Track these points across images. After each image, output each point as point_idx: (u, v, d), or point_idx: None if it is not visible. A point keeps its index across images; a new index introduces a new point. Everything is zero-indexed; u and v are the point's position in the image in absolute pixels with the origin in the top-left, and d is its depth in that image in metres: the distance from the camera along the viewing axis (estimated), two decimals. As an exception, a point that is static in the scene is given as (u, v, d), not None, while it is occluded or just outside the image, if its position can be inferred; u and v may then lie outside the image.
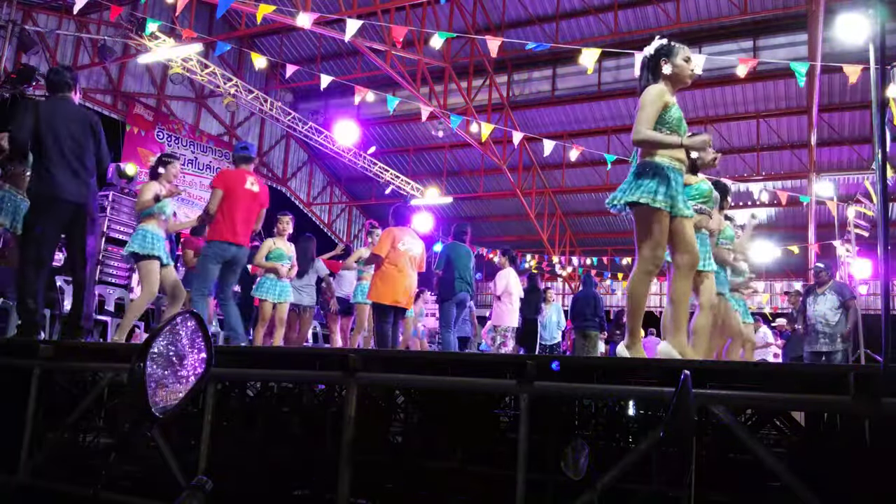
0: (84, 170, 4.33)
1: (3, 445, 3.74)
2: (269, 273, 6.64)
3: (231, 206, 5.15)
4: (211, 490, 1.43)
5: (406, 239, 5.93)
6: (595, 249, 18.64)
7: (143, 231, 5.12)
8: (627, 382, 2.83)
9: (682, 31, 12.16)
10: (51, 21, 12.80)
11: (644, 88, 3.33)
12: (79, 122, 4.35)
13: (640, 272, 3.19)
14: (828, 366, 6.26)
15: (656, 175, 3.14)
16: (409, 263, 5.91)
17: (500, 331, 7.83)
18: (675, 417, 1.46)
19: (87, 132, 4.37)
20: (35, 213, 4.30)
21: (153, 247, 5.06)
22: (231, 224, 5.13)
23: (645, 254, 3.17)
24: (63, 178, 4.19)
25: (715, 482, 2.87)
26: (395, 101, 10.15)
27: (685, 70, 3.31)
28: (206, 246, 5.17)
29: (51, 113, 4.25)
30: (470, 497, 3.48)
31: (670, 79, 3.30)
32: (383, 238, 5.91)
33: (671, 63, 3.29)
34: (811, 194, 12.37)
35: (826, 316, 7.32)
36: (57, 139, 4.20)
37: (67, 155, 4.22)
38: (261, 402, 4.48)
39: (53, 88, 4.43)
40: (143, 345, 1.43)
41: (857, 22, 7.50)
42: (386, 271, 5.81)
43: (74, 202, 4.24)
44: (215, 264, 5.12)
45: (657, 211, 3.12)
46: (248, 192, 5.26)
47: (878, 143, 2.19)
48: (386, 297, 5.79)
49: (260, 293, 6.65)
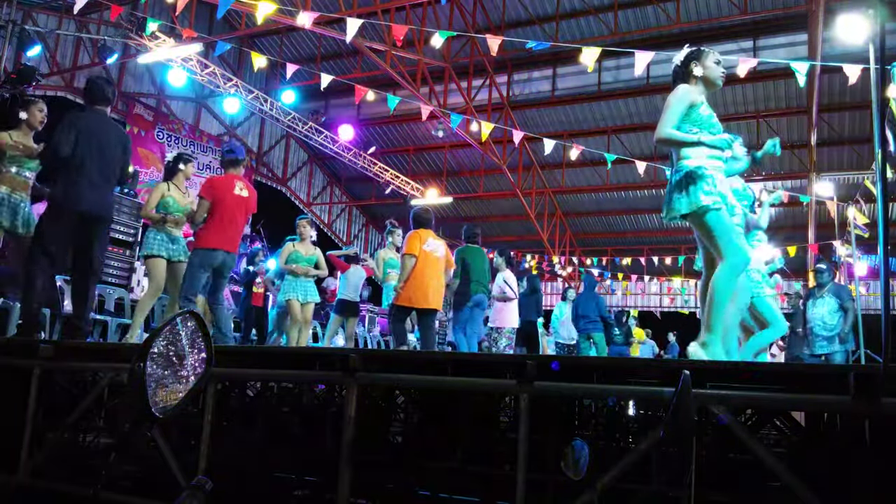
0: (106, 184, 4.44)
1: (3, 445, 3.74)
2: (290, 275, 6.92)
3: (220, 214, 5.14)
4: (211, 490, 1.43)
5: (430, 241, 5.96)
6: (595, 249, 18.65)
7: (148, 233, 5.43)
8: (627, 382, 2.83)
9: (682, 31, 12.15)
10: (51, 21, 12.80)
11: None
12: (111, 138, 4.46)
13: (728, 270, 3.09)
14: (828, 366, 6.26)
15: (699, 180, 3.13)
16: (434, 265, 5.94)
17: (506, 332, 7.82)
18: (675, 417, 1.46)
19: (117, 149, 4.47)
20: (51, 219, 4.33)
21: (152, 247, 5.30)
22: (220, 231, 5.14)
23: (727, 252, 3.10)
24: (85, 190, 4.27)
25: (715, 482, 2.87)
26: (395, 101, 10.13)
27: (716, 71, 3.34)
28: (194, 253, 5.19)
29: (89, 127, 4.33)
30: (470, 497, 3.48)
31: (702, 81, 3.33)
32: (413, 239, 5.92)
33: (702, 65, 3.32)
34: (811, 194, 12.36)
35: (824, 319, 7.32)
36: (88, 153, 4.28)
37: (94, 168, 4.30)
38: (261, 402, 4.48)
39: (93, 100, 4.49)
40: (143, 345, 1.43)
41: (857, 22, 7.49)
42: (413, 274, 5.81)
43: (90, 213, 4.32)
44: (204, 272, 5.15)
45: (717, 210, 3.10)
46: (237, 197, 5.25)
47: (879, 143, 2.19)
48: (416, 300, 5.80)
49: (286, 295, 6.90)
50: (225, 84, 13.58)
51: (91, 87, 4.52)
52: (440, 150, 17.76)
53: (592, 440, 3.83)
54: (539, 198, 17.72)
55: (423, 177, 18.39)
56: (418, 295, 5.77)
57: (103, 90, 4.50)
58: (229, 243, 5.20)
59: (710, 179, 3.13)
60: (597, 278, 11.42)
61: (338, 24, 11.28)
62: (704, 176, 3.13)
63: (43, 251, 4.26)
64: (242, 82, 14.02)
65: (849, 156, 14.42)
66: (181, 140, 15.48)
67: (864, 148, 13.75)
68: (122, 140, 4.57)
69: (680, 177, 3.20)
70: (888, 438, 2.18)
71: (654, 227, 18.38)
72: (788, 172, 14.98)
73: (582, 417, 4.32)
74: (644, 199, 17.41)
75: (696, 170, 3.15)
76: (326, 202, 20.36)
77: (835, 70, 9.48)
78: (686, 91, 3.24)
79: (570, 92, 15.39)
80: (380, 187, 17.62)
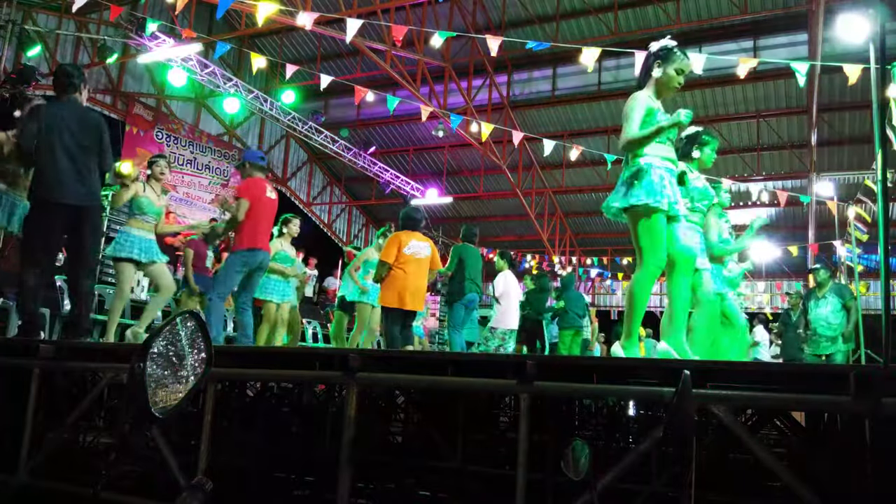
0: (87, 172, 4.31)
1: (3, 445, 3.74)
2: (274, 274, 6.73)
3: (257, 215, 5.36)
4: (211, 490, 1.43)
5: (412, 243, 5.97)
6: (595, 249, 18.66)
7: (120, 233, 5.35)
8: (627, 382, 2.83)
9: (682, 31, 12.15)
10: (50, 21, 12.80)
11: (638, 87, 3.36)
12: (82, 125, 4.31)
13: (643, 274, 3.16)
14: (828, 366, 6.27)
15: (646, 176, 3.14)
16: (417, 267, 5.96)
17: (499, 333, 7.81)
18: (675, 417, 1.46)
19: (91, 134, 4.34)
20: (34, 215, 4.29)
21: (123, 249, 5.22)
22: (258, 232, 5.36)
23: (647, 256, 3.15)
24: (63, 180, 4.17)
25: (715, 482, 2.87)
26: (395, 101, 10.14)
27: (672, 81, 3.30)
28: (234, 255, 5.30)
29: (53, 116, 4.23)
30: (470, 497, 3.48)
31: (655, 83, 3.32)
32: (390, 244, 5.97)
33: (662, 69, 3.29)
34: (811, 194, 12.36)
35: (828, 319, 7.33)
36: (59, 142, 4.18)
37: (68, 158, 4.20)
38: (261, 402, 4.49)
39: (59, 89, 4.41)
40: (143, 345, 1.43)
41: (857, 22, 7.48)
42: (393, 274, 5.86)
43: (75, 205, 4.22)
44: (240, 272, 5.31)
45: (653, 212, 3.11)
46: (269, 200, 5.51)
47: (879, 143, 2.19)
48: (393, 300, 5.83)
49: (264, 294, 6.72)
50: (225, 84, 13.58)
51: (56, 76, 4.42)
52: (440, 150, 17.76)
53: (592, 440, 3.83)
54: (539, 198, 17.72)
55: (423, 177, 18.39)
56: (401, 296, 5.82)
57: (68, 77, 4.38)
58: (265, 243, 5.45)
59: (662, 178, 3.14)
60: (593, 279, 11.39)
61: (338, 24, 11.27)
62: (653, 174, 3.14)
63: (31, 249, 4.23)
64: (242, 82, 14.01)
65: (849, 156, 14.41)
66: (181, 140, 15.47)
67: (864, 148, 13.75)
68: (95, 125, 4.39)
69: (632, 173, 3.20)
70: (888, 438, 2.17)
71: (654, 227, 18.35)
72: (788, 172, 14.98)
73: (582, 417, 4.33)
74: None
75: (646, 166, 3.16)
76: (326, 202, 20.36)
77: (835, 70, 9.48)
78: (641, 99, 3.25)
79: (570, 92, 15.38)
80: (380, 187, 17.61)
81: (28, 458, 3.59)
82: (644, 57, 3.41)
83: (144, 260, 5.28)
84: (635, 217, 3.17)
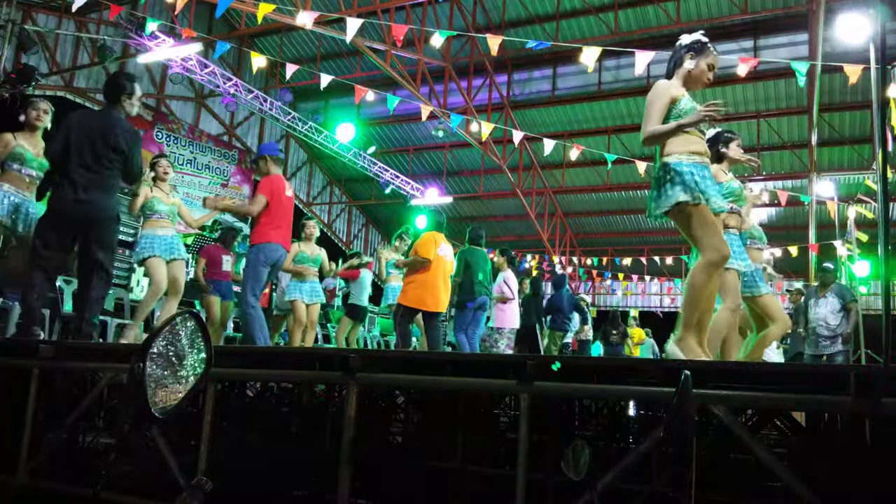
0: (103, 184, 4.33)
1: (3, 445, 3.74)
2: (296, 276, 6.91)
3: (279, 211, 5.29)
4: (211, 490, 1.43)
5: (443, 245, 6.00)
6: (595, 249, 18.65)
7: (140, 237, 5.58)
8: (627, 382, 2.83)
9: (683, 32, 12.12)
10: (50, 21, 12.79)
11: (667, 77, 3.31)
12: (110, 136, 4.30)
13: (704, 263, 3.04)
14: (828, 366, 6.27)
15: (675, 176, 3.07)
16: (444, 269, 6.00)
17: (506, 333, 7.80)
18: (675, 417, 1.46)
19: (116, 147, 4.33)
20: (46, 219, 4.35)
21: (144, 251, 5.42)
22: (279, 228, 5.30)
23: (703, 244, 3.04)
24: (77, 190, 4.21)
25: (715, 482, 2.87)
26: (395, 101, 10.13)
27: (703, 75, 3.26)
28: (256, 249, 5.23)
29: (81, 126, 4.29)
30: (470, 497, 3.48)
31: (685, 76, 3.26)
32: (427, 241, 5.93)
33: (696, 61, 3.24)
34: (811, 194, 12.36)
35: (827, 319, 7.32)
36: (78, 152, 4.23)
37: (84, 168, 4.24)
38: (261, 402, 4.49)
39: (107, 98, 4.48)
40: (142, 345, 1.43)
41: (857, 22, 7.49)
42: (426, 277, 5.84)
43: (81, 215, 4.26)
44: (266, 266, 5.22)
45: (697, 206, 3.04)
46: (288, 198, 5.45)
47: (879, 143, 2.19)
48: (425, 302, 5.82)
49: (291, 295, 6.88)
50: (225, 84, 13.57)
51: (104, 85, 4.58)
52: (440, 150, 17.76)
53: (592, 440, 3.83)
54: (539, 198, 17.71)
55: (423, 177, 18.38)
56: (427, 297, 5.81)
57: (109, 87, 4.46)
58: (286, 241, 5.38)
59: (690, 175, 3.07)
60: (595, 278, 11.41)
61: (338, 24, 11.27)
62: (683, 172, 3.08)
63: (40, 252, 4.26)
64: (242, 82, 14.00)
65: (849, 156, 14.41)
66: (180, 140, 15.46)
67: (864, 148, 13.75)
68: (124, 136, 4.38)
69: (659, 173, 3.15)
70: (888, 438, 2.17)
71: (655, 227, 18.36)
72: (788, 172, 14.98)
73: (582, 417, 4.33)
74: (644, 199, 17.36)
75: (675, 165, 3.11)
76: (326, 202, 20.35)
77: (835, 70, 9.48)
78: (665, 87, 3.18)
79: (570, 92, 15.38)
80: (380, 187, 17.61)
81: (28, 458, 3.59)
82: (675, 48, 3.35)
83: (167, 257, 5.44)
84: (677, 216, 3.11)
